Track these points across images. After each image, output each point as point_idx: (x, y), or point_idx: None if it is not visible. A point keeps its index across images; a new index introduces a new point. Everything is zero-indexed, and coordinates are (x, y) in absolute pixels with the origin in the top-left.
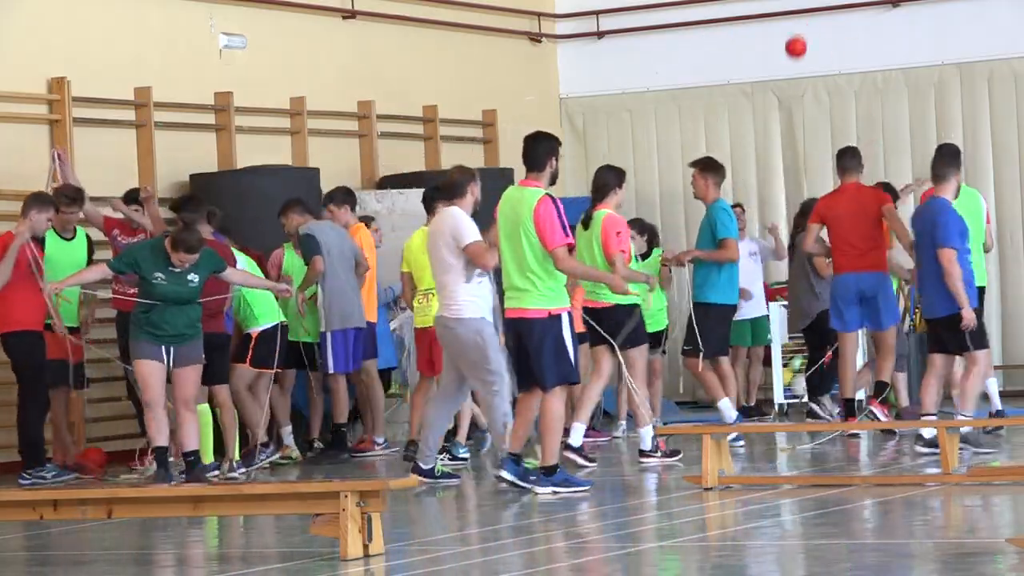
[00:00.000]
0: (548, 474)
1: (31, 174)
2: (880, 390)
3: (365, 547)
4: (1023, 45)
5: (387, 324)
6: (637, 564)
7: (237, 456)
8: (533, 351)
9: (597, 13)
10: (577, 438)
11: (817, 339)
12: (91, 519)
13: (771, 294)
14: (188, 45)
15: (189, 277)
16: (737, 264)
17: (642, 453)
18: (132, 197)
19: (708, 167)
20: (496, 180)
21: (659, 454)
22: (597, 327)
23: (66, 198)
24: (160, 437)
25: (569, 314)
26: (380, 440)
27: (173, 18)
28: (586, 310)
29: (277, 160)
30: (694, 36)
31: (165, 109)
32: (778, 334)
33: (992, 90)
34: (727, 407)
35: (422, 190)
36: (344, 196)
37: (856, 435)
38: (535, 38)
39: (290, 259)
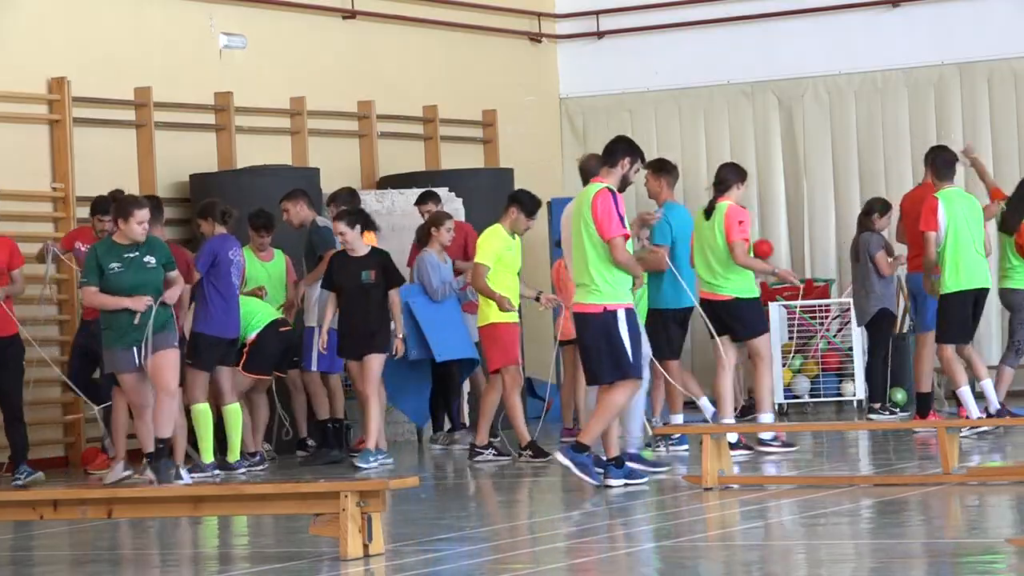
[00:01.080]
0: (579, 451)
1: (31, 174)
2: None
3: (365, 547)
4: (1023, 45)
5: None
6: (637, 564)
7: (236, 456)
8: (585, 346)
9: (597, 13)
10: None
11: (877, 336)
12: (91, 519)
13: (771, 294)
14: (188, 45)
15: (146, 259)
16: (671, 270)
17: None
18: (103, 208)
19: (662, 169)
20: (496, 180)
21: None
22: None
23: None
24: (150, 444)
25: (628, 310)
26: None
27: (173, 18)
28: (703, 303)
29: (277, 160)
30: (694, 36)
31: (165, 109)
32: (778, 334)
33: (992, 90)
34: (705, 406)
35: (421, 190)
36: (348, 196)
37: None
38: (535, 38)
39: (251, 262)
